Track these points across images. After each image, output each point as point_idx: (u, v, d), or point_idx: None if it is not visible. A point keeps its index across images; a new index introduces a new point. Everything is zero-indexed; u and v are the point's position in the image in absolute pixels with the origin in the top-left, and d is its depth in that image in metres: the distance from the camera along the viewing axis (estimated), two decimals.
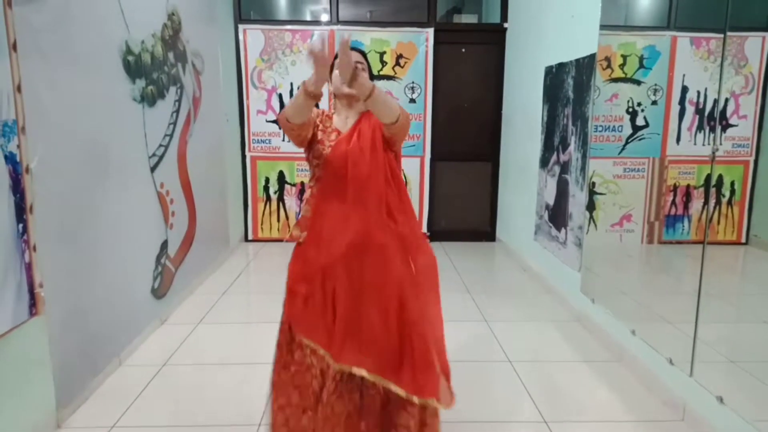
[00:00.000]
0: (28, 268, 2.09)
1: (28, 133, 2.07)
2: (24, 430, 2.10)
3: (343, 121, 1.91)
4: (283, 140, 5.49)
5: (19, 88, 2.02)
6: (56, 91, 2.29)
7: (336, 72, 1.75)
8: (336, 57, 1.73)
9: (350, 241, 1.76)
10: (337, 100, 1.92)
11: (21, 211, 2.04)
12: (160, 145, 3.44)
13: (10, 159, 1.98)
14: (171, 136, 3.60)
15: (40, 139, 2.16)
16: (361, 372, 1.73)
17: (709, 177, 2.71)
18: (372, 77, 1.86)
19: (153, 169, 3.32)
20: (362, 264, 1.77)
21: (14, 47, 1.99)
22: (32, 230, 2.10)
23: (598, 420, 2.41)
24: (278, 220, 5.70)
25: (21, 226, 2.04)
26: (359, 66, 1.74)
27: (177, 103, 3.70)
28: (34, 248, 2.12)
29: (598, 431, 2.33)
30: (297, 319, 1.85)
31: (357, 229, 1.76)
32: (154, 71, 3.30)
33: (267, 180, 5.61)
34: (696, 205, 3.08)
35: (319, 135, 1.89)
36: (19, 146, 2.03)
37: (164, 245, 3.51)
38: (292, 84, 5.39)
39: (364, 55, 1.95)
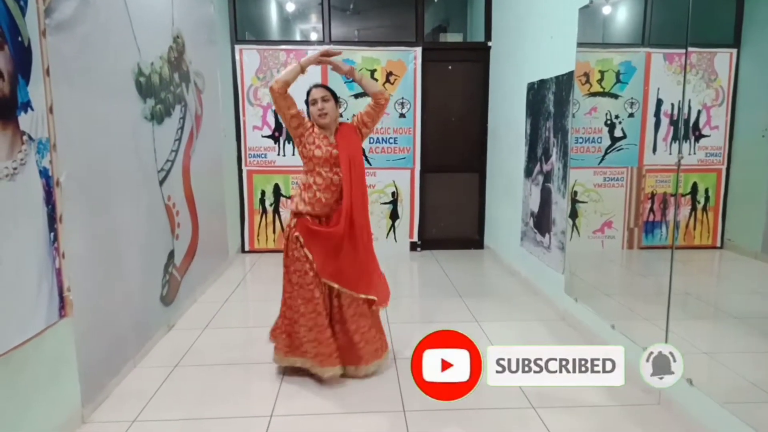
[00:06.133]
0: (58, 273, 2.27)
1: (58, 149, 2.27)
2: (53, 426, 2.27)
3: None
4: (278, 154, 5.71)
5: (51, 110, 2.22)
6: (80, 111, 2.50)
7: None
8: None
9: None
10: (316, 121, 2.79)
11: (52, 221, 2.23)
12: (167, 160, 3.63)
13: (44, 173, 2.18)
14: (177, 151, 3.80)
15: (68, 155, 2.35)
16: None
17: (678, 184, 2.93)
18: (338, 104, 2.84)
19: (161, 182, 3.52)
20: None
21: (47, 72, 2.19)
22: (61, 238, 2.29)
23: (584, 405, 2.63)
24: (274, 232, 5.88)
25: (52, 234, 2.23)
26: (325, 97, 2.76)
27: (182, 121, 3.90)
28: (63, 255, 2.30)
29: (584, 416, 2.55)
30: None
31: None
32: (161, 91, 3.51)
33: (263, 193, 5.81)
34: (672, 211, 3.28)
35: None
36: (51, 162, 2.22)
37: (171, 255, 3.69)
38: None
39: (329, 90, 2.82)
